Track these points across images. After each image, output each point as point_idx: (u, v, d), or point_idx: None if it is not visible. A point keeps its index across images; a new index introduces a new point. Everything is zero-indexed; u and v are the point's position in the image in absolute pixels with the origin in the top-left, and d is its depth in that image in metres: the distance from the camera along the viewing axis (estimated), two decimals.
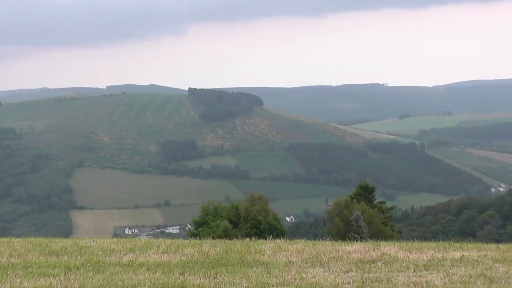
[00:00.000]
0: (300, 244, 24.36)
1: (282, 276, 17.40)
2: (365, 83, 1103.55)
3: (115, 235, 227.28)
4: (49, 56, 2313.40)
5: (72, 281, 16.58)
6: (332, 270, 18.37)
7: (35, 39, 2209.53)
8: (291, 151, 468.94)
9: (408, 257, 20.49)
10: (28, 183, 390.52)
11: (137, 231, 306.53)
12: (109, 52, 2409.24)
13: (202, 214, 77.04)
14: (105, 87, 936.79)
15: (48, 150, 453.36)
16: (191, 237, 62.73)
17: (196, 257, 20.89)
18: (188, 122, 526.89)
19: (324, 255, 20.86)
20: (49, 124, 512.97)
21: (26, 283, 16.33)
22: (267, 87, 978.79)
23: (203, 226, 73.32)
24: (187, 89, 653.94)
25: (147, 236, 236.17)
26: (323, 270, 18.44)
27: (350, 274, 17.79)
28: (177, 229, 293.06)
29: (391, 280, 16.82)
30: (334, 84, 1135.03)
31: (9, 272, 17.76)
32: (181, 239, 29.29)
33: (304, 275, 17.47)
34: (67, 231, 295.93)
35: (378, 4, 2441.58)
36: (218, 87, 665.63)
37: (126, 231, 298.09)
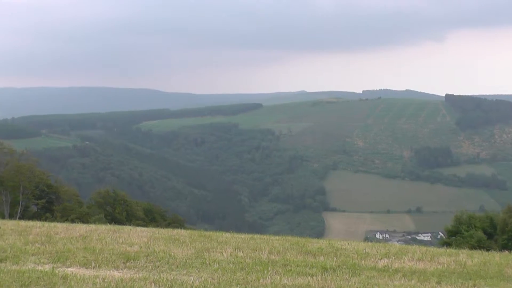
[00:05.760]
0: None
1: None
2: None
3: (366, 239, 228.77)
4: (309, 61, 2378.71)
5: (329, 282, 16.71)
6: None
7: (296, 44, 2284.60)
8: None
9: None
10: (285, 183, 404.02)
11: (388, 236, 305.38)
12: (366, 57, 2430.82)
13: (455, 223, 75.64)
14: (361, 92, 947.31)
15: (304, 152, 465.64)
16: (443, 245, 61.64)
17: (452, 267, 20.44)
18: (444, 129, 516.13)
19: None
20: (306, 127, 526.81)
21: (285, 281, 16.66)
22: None
23: (456, 236, 72.02)
24: (443, 95, 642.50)
25: (398, 241, 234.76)
26: None
27: None
28: (429, 237, 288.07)
29: None
30: None
31: (269, 269, 18.28)
32: (433, 247, 28.83)
33: None
34: (319, 232, 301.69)
35: None
36: (476, 93, 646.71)
37: (377, 236, 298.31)
